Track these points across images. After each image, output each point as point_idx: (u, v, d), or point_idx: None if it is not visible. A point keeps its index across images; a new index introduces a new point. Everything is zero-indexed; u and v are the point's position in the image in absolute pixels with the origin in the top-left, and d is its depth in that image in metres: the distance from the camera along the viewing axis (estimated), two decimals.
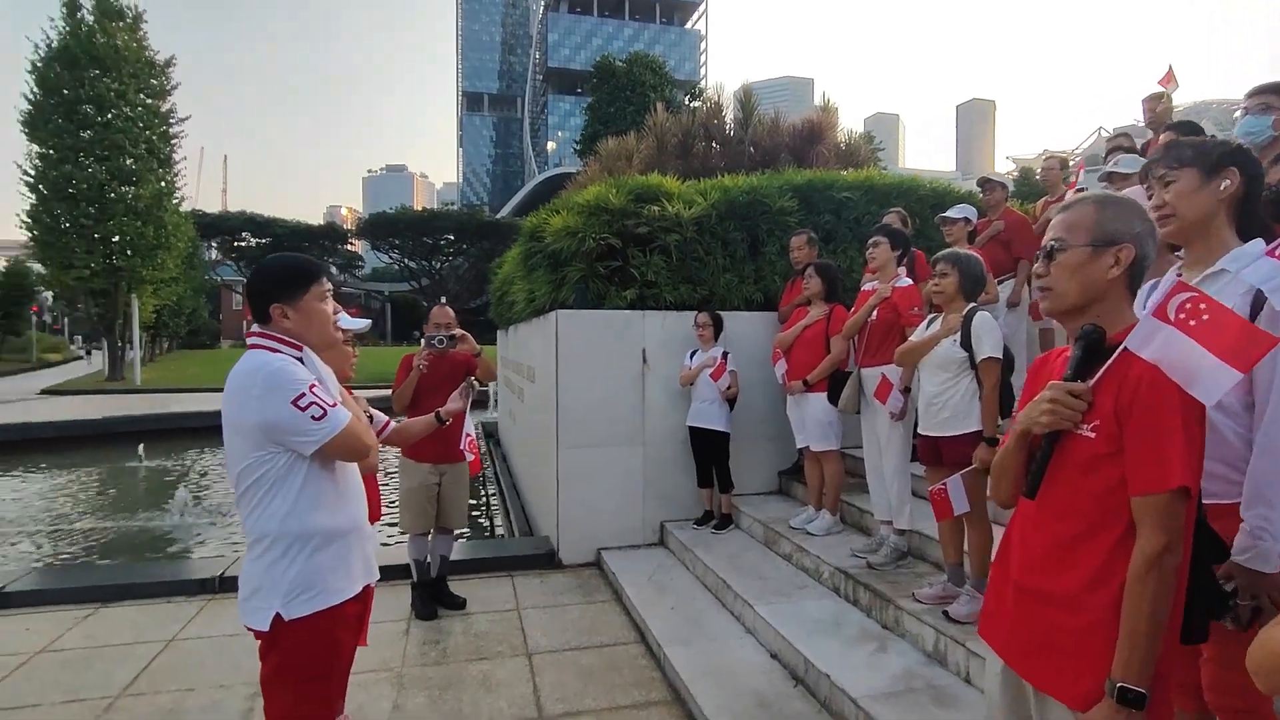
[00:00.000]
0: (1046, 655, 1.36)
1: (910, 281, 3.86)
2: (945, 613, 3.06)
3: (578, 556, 5.17)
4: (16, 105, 21.98)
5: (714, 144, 10.08)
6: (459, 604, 4.35)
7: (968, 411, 3.02)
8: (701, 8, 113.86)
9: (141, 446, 11.46)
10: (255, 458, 1.90)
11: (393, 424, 2.90)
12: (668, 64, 30.98)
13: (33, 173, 21.87)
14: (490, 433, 13.21)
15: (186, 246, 25.17)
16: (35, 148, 21.89)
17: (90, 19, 22.18)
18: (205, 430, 13.36)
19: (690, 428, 5.12)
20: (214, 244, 55.16)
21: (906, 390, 3.69)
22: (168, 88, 24.28)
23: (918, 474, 3.86)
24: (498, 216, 59.75)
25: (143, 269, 23.30)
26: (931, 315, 3.34)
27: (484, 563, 5.05)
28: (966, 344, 2.99)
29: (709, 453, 5.06)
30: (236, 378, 1.89)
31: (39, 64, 21.61)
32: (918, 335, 3.31)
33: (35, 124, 21.76)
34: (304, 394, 1.86)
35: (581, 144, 29.62)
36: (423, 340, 4.01)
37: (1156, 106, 5.32)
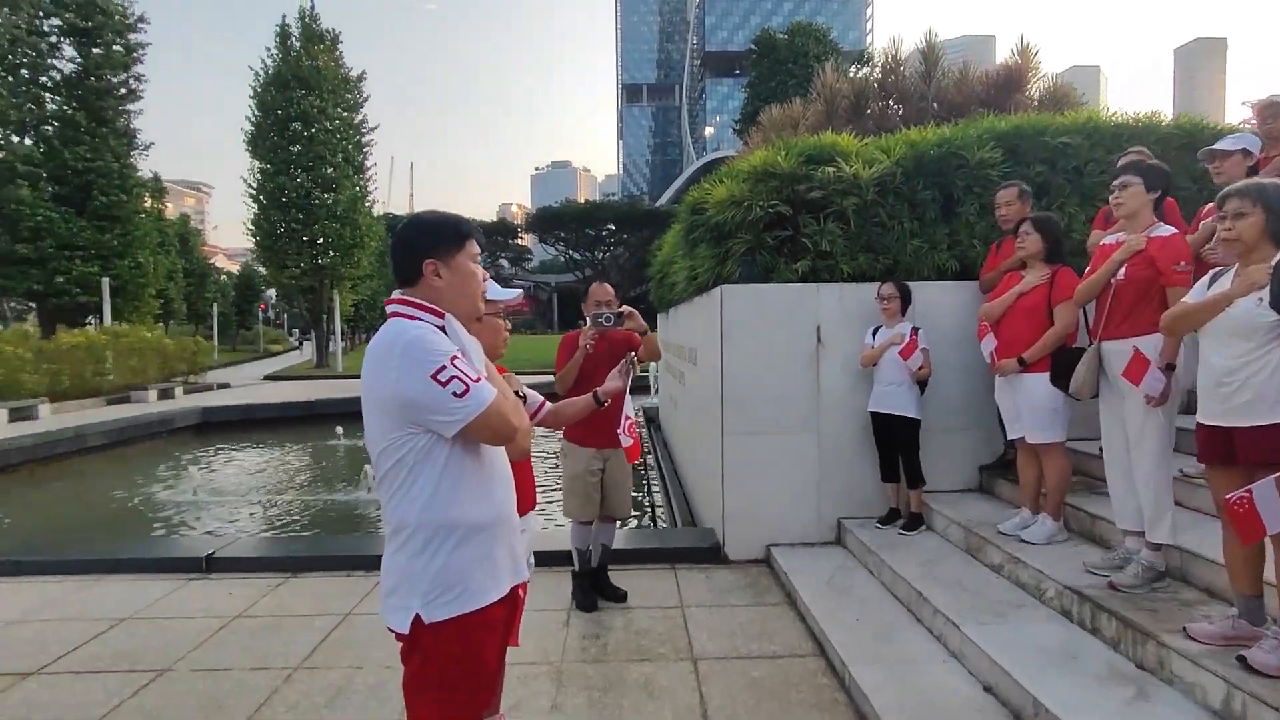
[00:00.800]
0: None
1: (1173, 230, 3.04)
2: (1241, 659, 2.32)
3: (745, 552, 4.77)
4: (241, 127, 25.14)
5: (891, 102, 9.15)
6: (620, 596, 4.11)
7: (1278, 395, 2.25)
8: None
9: (340, 427, 12.54)
10: (394, 439, 1.69)
11: (548, 405, 2.66)
12: (832, 32, 29.31)
13: (255, 185, 24.94)
14: (651, 418, 13.12)
15: (378, 245, 27.57)
16: (257, 163, 24.93)
17: (297, 44, 24.81)
18: None
19: (873, 413, 4.52)
20: None
21: (1170, 368, 2.90)
22: (360, 101, 26.67)
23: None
24: (656, 205, 60.31)
25: (341, 267, 25.86)
26: (1215, 271, 2.55)
27: (646, 553, 4.79)
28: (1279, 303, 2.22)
29: (896, 442, 4.45)
30: (374, 350, 1.69)
31: (258, 89, 24.53)
32: (1194, 296, 2.54)
33: (256, 142, 24.77)
34: (444, 367, 1.61)
35: (741, 123, 28.85)
36: (589, 319, 3.77)
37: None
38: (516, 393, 2.40)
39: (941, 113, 8.41)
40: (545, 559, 4.63)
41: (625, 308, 3.73)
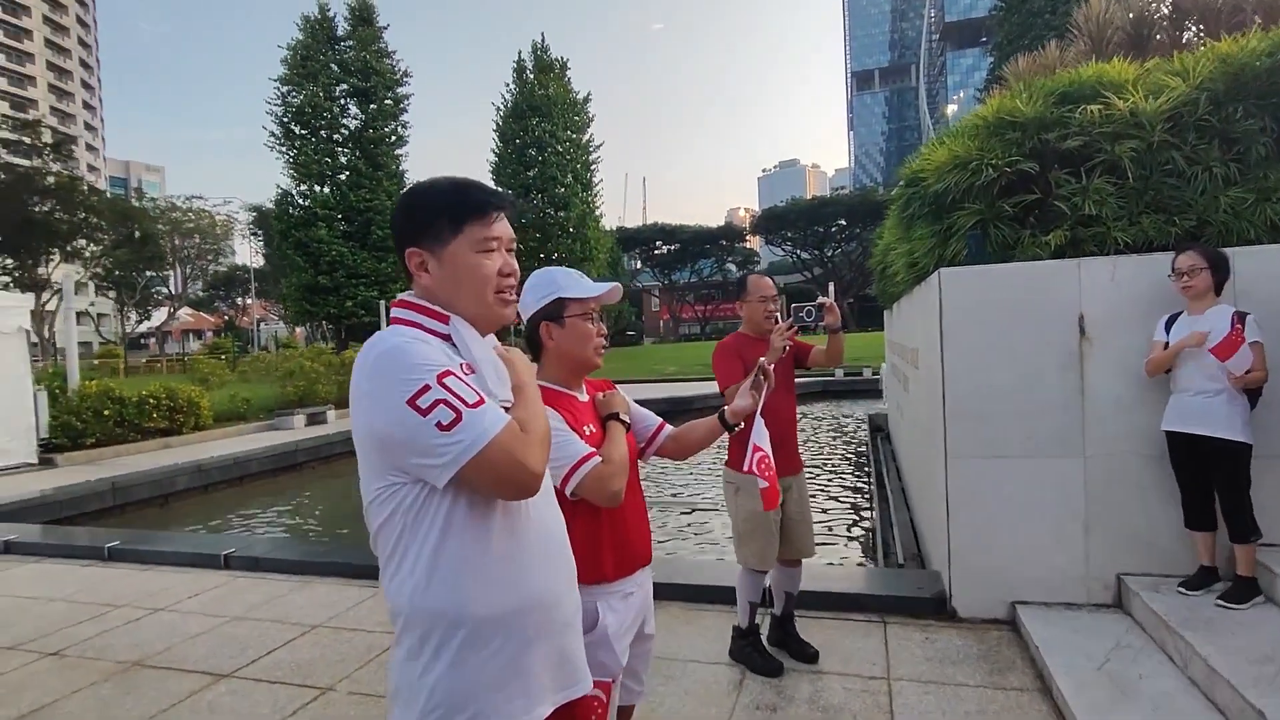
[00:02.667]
0: None
1: None
2: None
3: (980, 608, 3.72)
4: (486, 159, 27.81)
5: (1186, 25, 7.07)
6: (810, 656, 3.35)
7: None
8: None
9: None
10: (378, 491, 1.23)
11: (667, 430, 2.07)
12: None
13: None
14: (879, 426, 11.81)
15: (606, 257, 28.86)
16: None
17: (531, 76, 26.89)
18: None
19: (1171, 434, 3.25)
20: (634, 254, 63.24)
21: None
22: (587, 121, 28.14)
23: None
24: (891, 194, 56.32)
25: None
26: None
27: (847, 600, 3.94)
28: None
29: (1210, 475, 3.15)
30: (354, 368, 1.25)
31: (499, 122, 26.98)
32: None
33: (499, 171, 27.25)
34: (427, 387, 1.13)
35: (985, 91, 25.55)
36: (789, 313, 3.09)
37: None
38: (615, 416, 1.84)
39: (1267, 24, 6.31)
40: (714, 594, 4.02)
41: (825, 299, 3.05)
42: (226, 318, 52.63)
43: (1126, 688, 2.78)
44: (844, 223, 55.11)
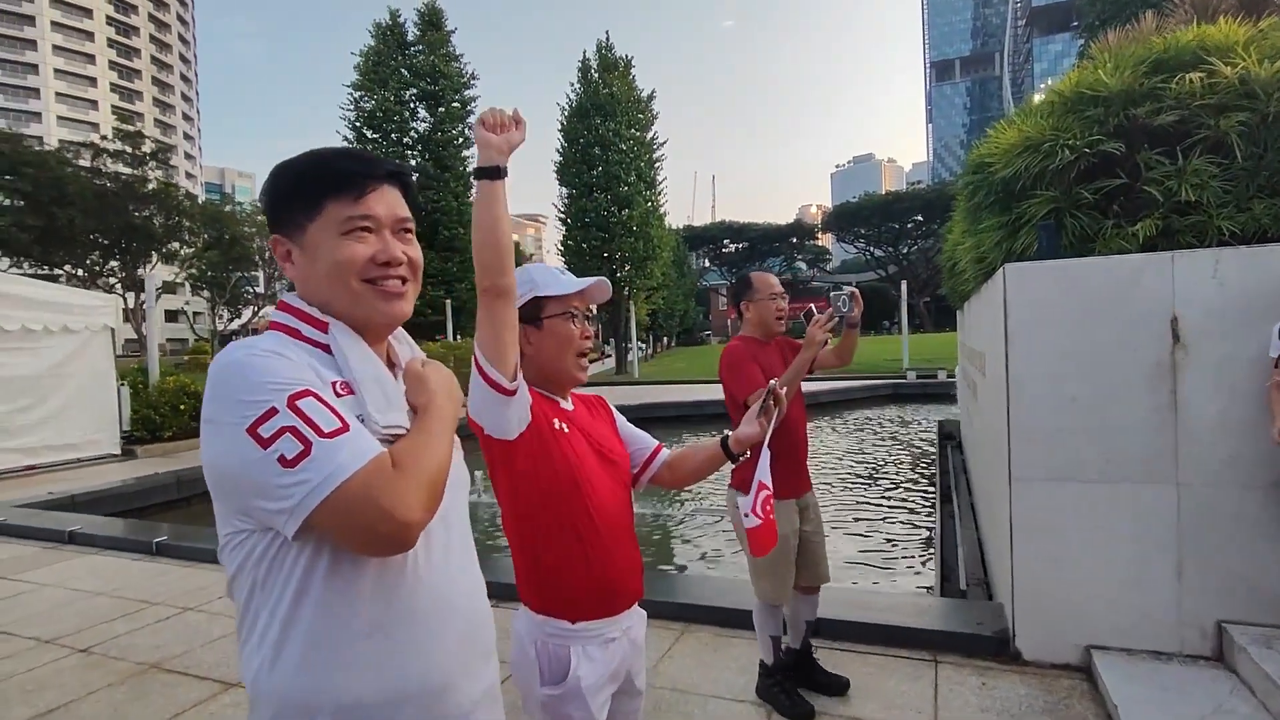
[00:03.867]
0: None
1: None
2: None
3: (1049, 651, 3.25)
4: (551, 159, 27.94)
5: None
6: (840, 687, 3.00)
7: None
8: None
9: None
10: (226, 537, 1.00)
11: (663, 455, 1.78)
12: None
13: (563, 210, 27.50)
14: (950, 433, 11.12)
15: (669, 256, 28.55)
16: (563, 189, 27.49)
17: (596, 75, 26.84)
18: (677, 419, 15.22)
19: None
20: (702, 252, 62.72)
21: None
22: (651, 119, 27.90)
23: None
24: (959, 183, 54.01)
25: (636, 279, 27.25)
26: None
27: (897, 633, 3.53)
28: None
29: None
30: None
31: (564, 122, 27.04)
32: None
33: (563, 170, 27.32)
34: (272, 411, 0.90)
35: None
36: (828, 302, 2.76)
37: None
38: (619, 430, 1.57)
39: None
40: (737, 618, 3.68)
41: (852, 288, 2.78)
42: None
43: None
44: (920, 218, 53.07)
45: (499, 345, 1.37)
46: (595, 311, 1.70)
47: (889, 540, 6.67)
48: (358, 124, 23.50)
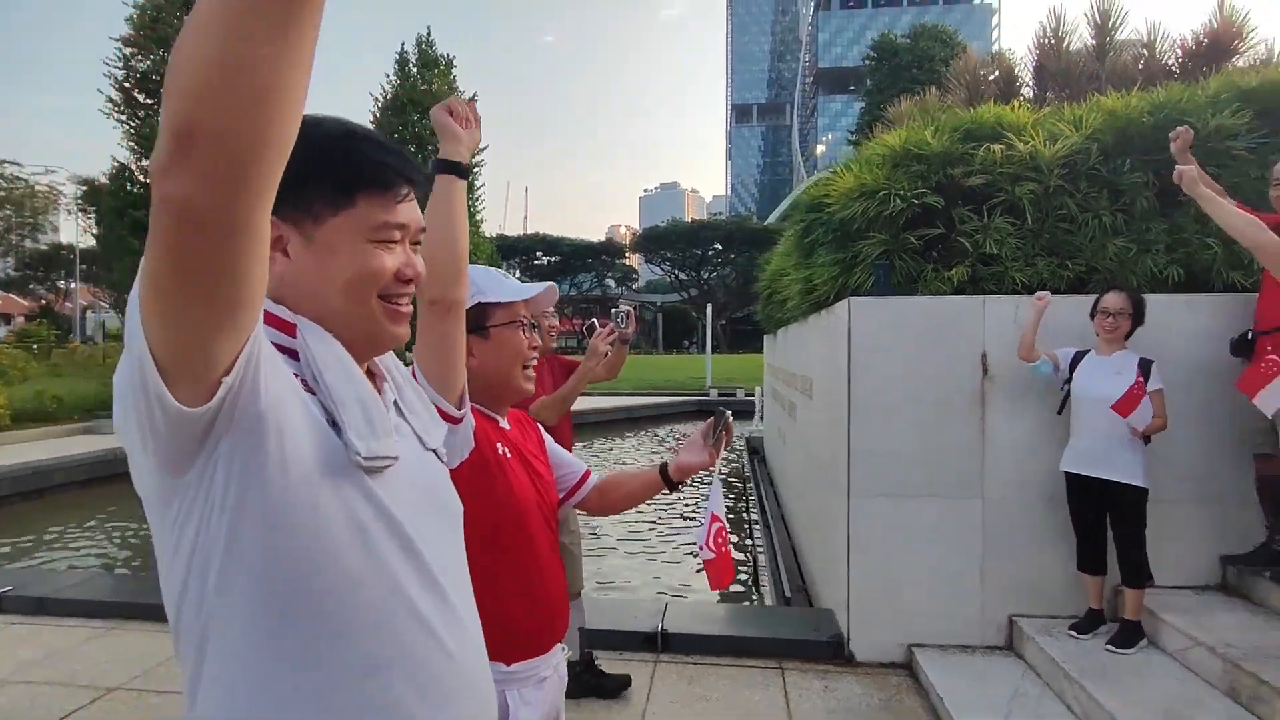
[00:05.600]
0: None
1: None
2: None
3: (878, 652, 3.57)
4: None
5: (1050, 87, 7.64)
6: (619, 685, 3.19)
7: None
8: None
9: None
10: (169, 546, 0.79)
11: (593, 480, 1.68)
12: (959, 34, 27.14)
13: None
14: (755, 448, 11.93)
15: (485, 263, 27.88)
16: None
17: (414, 70, 25.58)
18: None
19: (1071, 475, 3.24)
20: (514, 263, 62.13)
21: None
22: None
23: None
24: (765, 224, 59.08)
25: None
26: None
27: (744, 643, 3.68)
28: None
29: (1106, 519, 3.15)
30: None
31: (376, 114, 25.39)
32: None
33: None
34: None
35: (857, 135, 27.20)
36: (609, 318, 3.13)
37: None
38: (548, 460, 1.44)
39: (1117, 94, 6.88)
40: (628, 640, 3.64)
41: (629, 306, 3.08)
42: (44, 302, 46.27)
43: None
44: (719, 247, 56.93)
45: (446, 368, 1.20)
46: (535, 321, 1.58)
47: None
48: (128, 84, 20.15)
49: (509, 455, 1.43)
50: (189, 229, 0.59)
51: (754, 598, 5.70)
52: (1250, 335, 3.17)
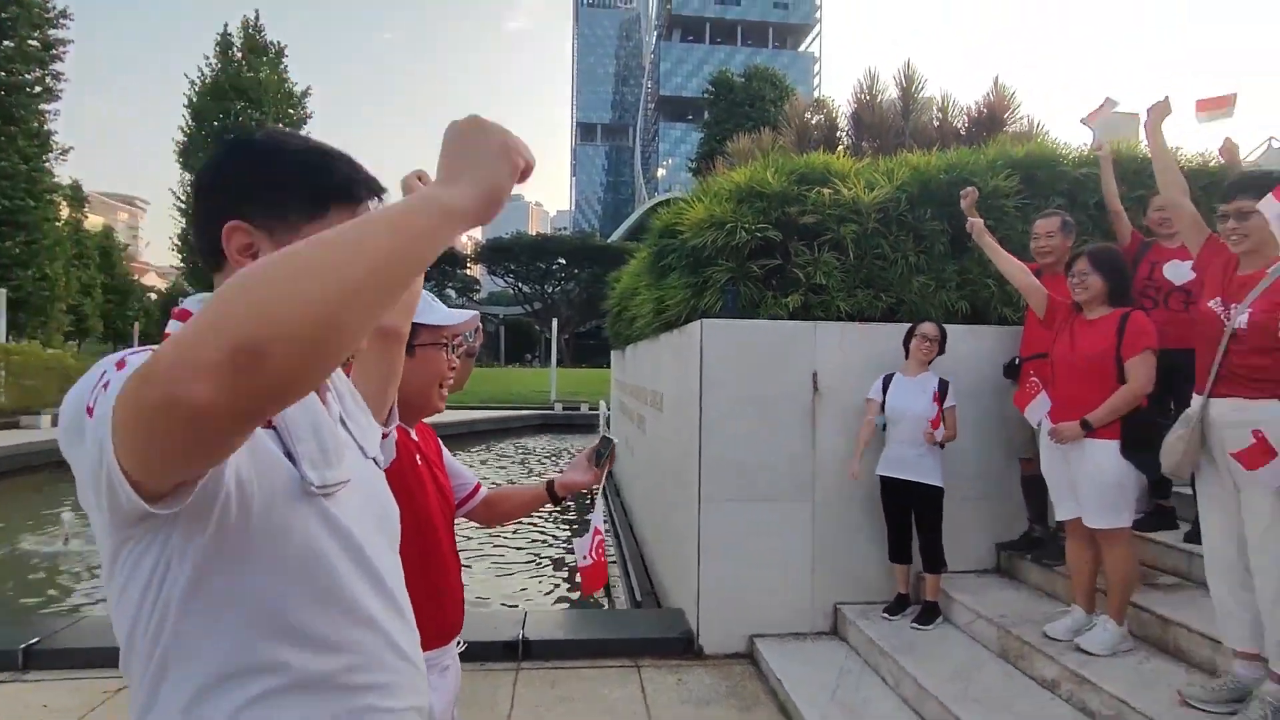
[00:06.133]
0: None
1: None
2: None
3: (724, 644, 3.90)
4: (174, 138, 23.60)
5: (865, 137, 8.70)
6: None
7: None
8: (815, 30, 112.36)
9: None
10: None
11: (483, 492, 1.80)
12: (787, 79, 29.64)
13: (184, 200, 23.32)
14: None
15: None
16: (188, 176, 23.35)
17: (238, 55, 23.61)
18: None
19: (885, 479, 3.76)
20: None
21: None
22: (305, 117, 25.48)
23: None
24: (608, 241, 60.30)
25: None
26: None
27: (600, 645, 3.87)
28: None
29: (913, 515, 3.70)
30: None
31: (193, 98, 23.13)
32: None
33: (188, 154, 23.25)
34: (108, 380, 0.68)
35: (697, 163, 28.74)
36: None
37: None
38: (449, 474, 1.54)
39: (918, 149, 7.99)
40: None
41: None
42: None
43: (856, 711, 3.08)
44: (564, 262, 57.30)
45: (383, 391, 1.28)
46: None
47: (556, 558, 7.11)
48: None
49: (421, 464, 1.52)
50: (195, 430, 0.57)
51: (608, 603, 5.90)
52: (1017, 361, 3.88)
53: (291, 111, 24.84)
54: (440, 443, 1.77)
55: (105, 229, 45.33)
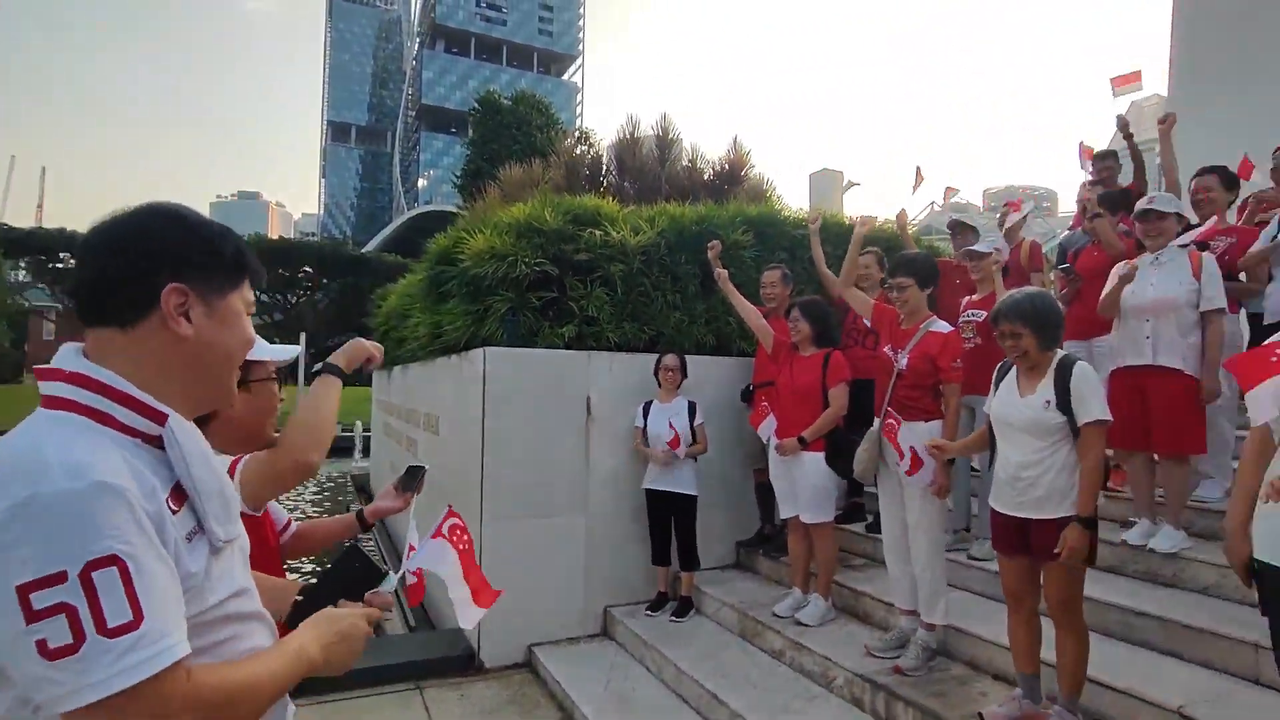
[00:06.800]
0: None
1: (949, 327, 3.29)
2: None
3: (504, 656, 4.11)
4: None
5: (627, 179, 9.48)
6: None
7: (1067, 489, 2.41)
8: (578, 61, 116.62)
9: None
10: None
11: (295, 526, 1.88)
12: (553, 107, 30.57)
13: None
14: (360, 486, 11.63)
15: None
16: None
17: None
18: None
19: (649, 491, 4.26)
20: (23, 264, 48.13)
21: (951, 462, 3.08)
22: None
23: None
24: (363, 251, 56.70)
25: None
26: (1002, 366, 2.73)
27: (379, 673, 3.86)
28: (1065, 405, 2.40)
29: (671, 522, 4.23)
30: None
31: None
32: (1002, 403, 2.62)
33: None
34: (59, 575, 0.74)
35: (462, 180, 28.44)
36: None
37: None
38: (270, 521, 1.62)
39: (672, 194, 8.93)
40: None
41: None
42: None
43: (627, 700, 3.49)
44: (311, 270, 52.74)
45: (268, 498, 1.42)
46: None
47: None
48: None
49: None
50: None
51: (384, 629, 5.73)
52: (751, 387, 4.64)
53: None
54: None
55: None
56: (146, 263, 0.91)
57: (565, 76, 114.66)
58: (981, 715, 2.61)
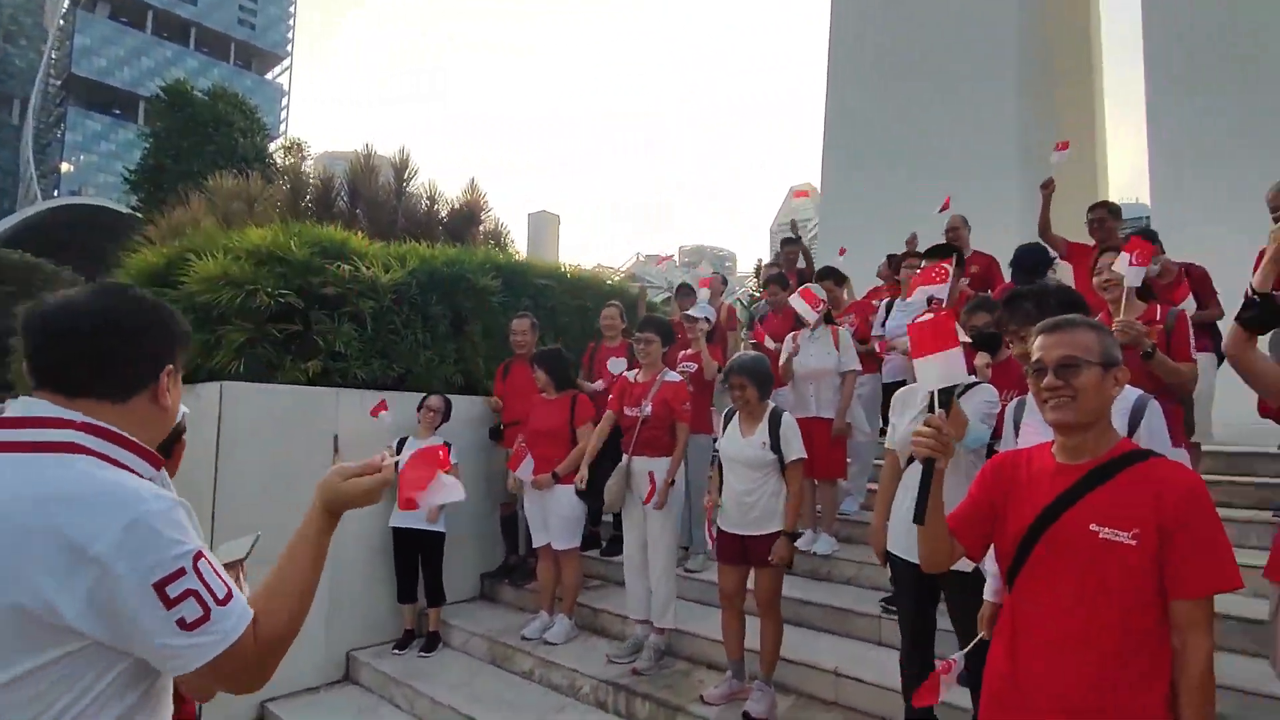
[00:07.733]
0: None
1: (679, 376, 3.94)
2: (746, 714, 3.02)
3: (228, 717, 3.79)
4: None
5: (360, 206, 9.14)
6: None
7: (775, 510, 3.13)
8: (285, 63, 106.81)
9: None
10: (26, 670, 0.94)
11: None
12: (258, 111, 27.59)
13: None
14: None
15: None
16: None
17: None
18: None
19: (395, 530, 4.29)
20: None
21: (672, 483, 3.70)
22: None
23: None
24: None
25: None
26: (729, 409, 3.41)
27: None
28: (775, 446, 3.13)
29: (418, 559, 4.31)
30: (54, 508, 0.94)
31: None
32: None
33: None
34: (180, 571, 0.97)
35: (138, 175, 24.27)
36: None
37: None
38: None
39: (409, 229, 8.85)
40: None
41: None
42: None
43: None
44: None
45: None
46: None
47: None
48: None
49: None
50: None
51: None
52: (499, 426, 4.93)
53: None
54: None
55: None
56: (149, 348, 1.11)
57: (270, 76, 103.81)
58: (703, 697, 3.21)
